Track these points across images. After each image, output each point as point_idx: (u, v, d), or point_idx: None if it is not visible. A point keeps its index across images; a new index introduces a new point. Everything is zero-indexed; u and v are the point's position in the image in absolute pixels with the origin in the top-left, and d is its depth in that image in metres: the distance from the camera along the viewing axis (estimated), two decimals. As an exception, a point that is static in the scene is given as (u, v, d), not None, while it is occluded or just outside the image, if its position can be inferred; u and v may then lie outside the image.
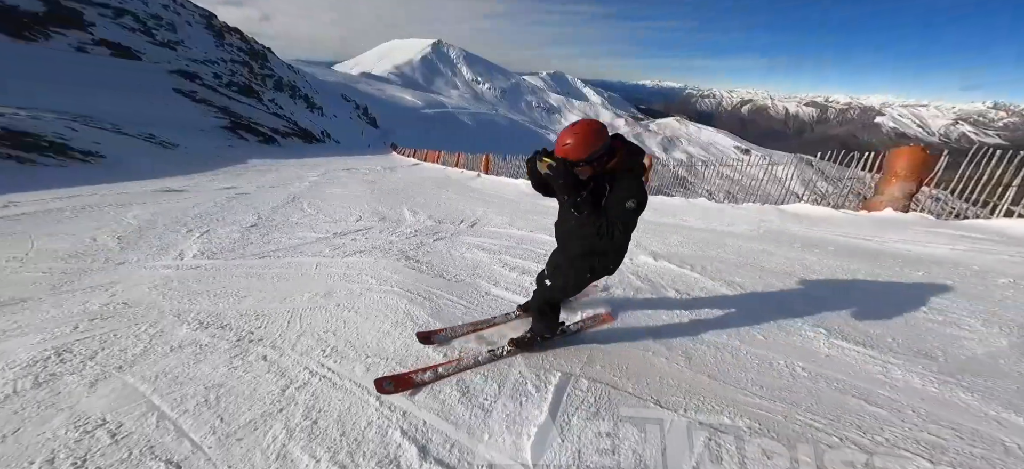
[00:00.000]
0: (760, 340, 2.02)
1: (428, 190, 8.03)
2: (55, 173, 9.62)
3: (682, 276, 2.90)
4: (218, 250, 3.45)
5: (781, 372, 1.77)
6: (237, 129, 29.03)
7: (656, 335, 2.04)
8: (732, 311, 2.31)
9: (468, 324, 2.16)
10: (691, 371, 1.76)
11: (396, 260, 3.18)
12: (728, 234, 4.22)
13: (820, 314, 2.28)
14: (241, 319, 2.16)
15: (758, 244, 3.80)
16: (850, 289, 2.75)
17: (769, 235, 4.18)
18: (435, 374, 1.65)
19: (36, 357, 1.75)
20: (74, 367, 1.70)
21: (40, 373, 1.65)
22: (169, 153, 16.58)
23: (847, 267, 3.15)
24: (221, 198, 6.50)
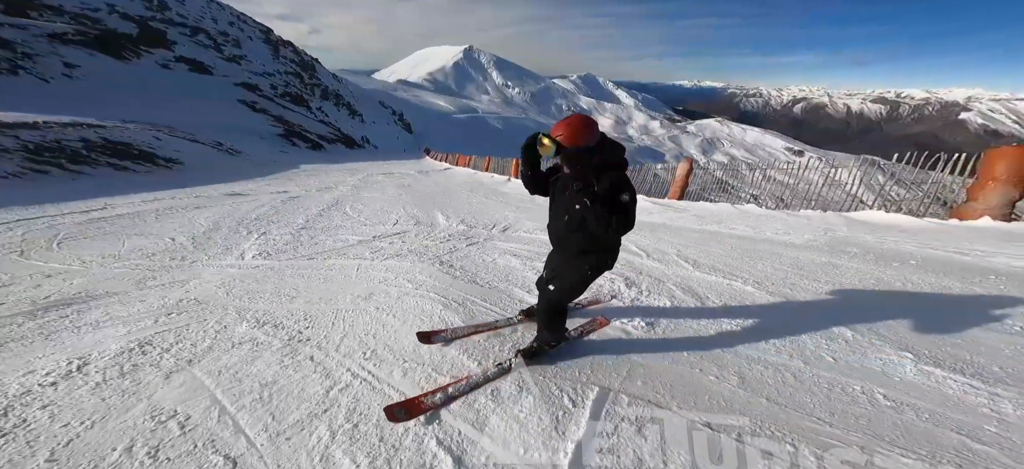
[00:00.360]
0: (829, 361, 1.80)
1: (460, 194, 8.16)
2: (144, 179, 10.88)
3: (730, 288, 2.68)
4: (273, 251, 3.69)
5: (857, 398, 1.56)
6: (290, 136, 31.31)
7: (702, 350, 1.89)
8: (791, 328, 2.08)
9: (470, 326, 2.17)
10: (746, 392, 1.60)
11: (431, 264, 3.23)
12: (784, 244, 3.86)
13: (904, 335, 2.00)
14: (291, 319, 2.27)
15: (822, 256, 3.43)
16: (941, 309, 2.40)
17: (835, 246, 3.75)
18: (446, 396, 1.57)
19: (123, 348, 1.94)
20: (153, 359, 1.87)
21: (125, 364, 1.82)
22: (234, 160, 18.20)
23: (936, 283, 2.75)
24: (276, 201, 7.00)
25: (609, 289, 2.64)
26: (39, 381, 1.68)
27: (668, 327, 2.15)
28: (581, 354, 1.85)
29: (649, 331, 2.11)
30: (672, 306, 2.42)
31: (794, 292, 2.61)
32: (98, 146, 11.94)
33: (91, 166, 10.61)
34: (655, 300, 2.49)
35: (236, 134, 25.61)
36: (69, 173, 9.65)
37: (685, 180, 7.19)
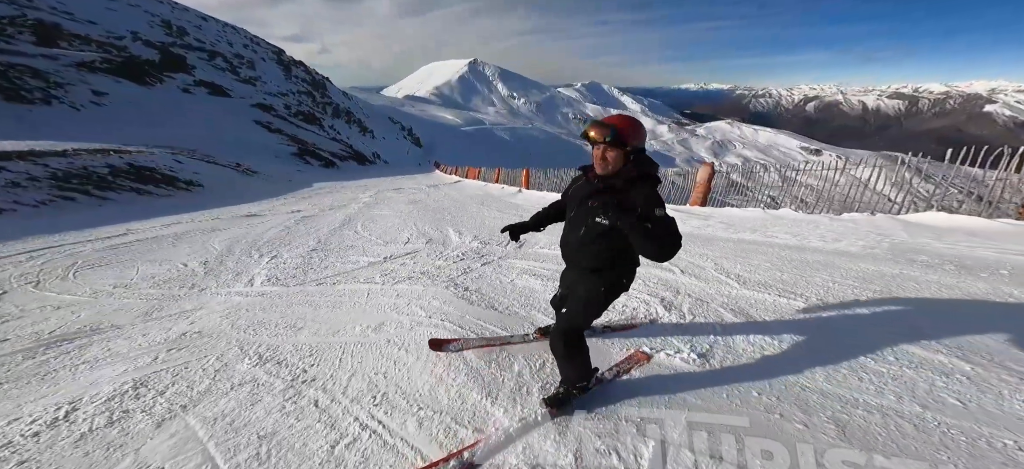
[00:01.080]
0: (955, 405, 1.49)
1: (471, 208, 8.03)
2: (165, 202, 11.19)
3: (789, 308, 2.40)
4: (282, 276, 3.59)
5: (1014, 457, 1.26)
6: (304, 155, 32.12)
7: (775, 388, 1.62)
8: (883, 359, 1.78)
9: (482, 338, 2.00)
10: (850, 447, 1.32)
11: (445, 288, 3.06)
12: (837, 253, 3.53)
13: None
14: (296, 354, 2.13)
15: (888, 266, 3.07)
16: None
17: (900, 254, 3.39)
18: (468, 461, 1.34)
19: (116, 390, 1.82)
20: (146, 404, 1.73)
21: (116, 409, 1.69)
22: (251, 180, 18.65)
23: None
24: (289, 221, 7.00)
25: (645, 312, 2.41)
26: (22, 430, 1.56)
27: (724, 358, 1.89)
28: (622, 397, 1.62)
29: (702, 364, 1.86)
30: (723, 332, 2.16)
31: (869, 312, 2.31)
32: (123, 171, 12.37)
33: (116, 191, 10.97)
34: (702, 325, 2.25)
35: (253, 154, 26.41)
36: (95, 199, 9.98)
37: (707, 185, 6.87)
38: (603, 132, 1.32)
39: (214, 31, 55.41)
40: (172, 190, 12.76)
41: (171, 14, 51.69)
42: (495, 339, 2.17)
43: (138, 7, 47.34)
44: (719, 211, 6.11)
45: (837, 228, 4.43)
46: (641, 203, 1.29)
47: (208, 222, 7.24)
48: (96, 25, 38.32)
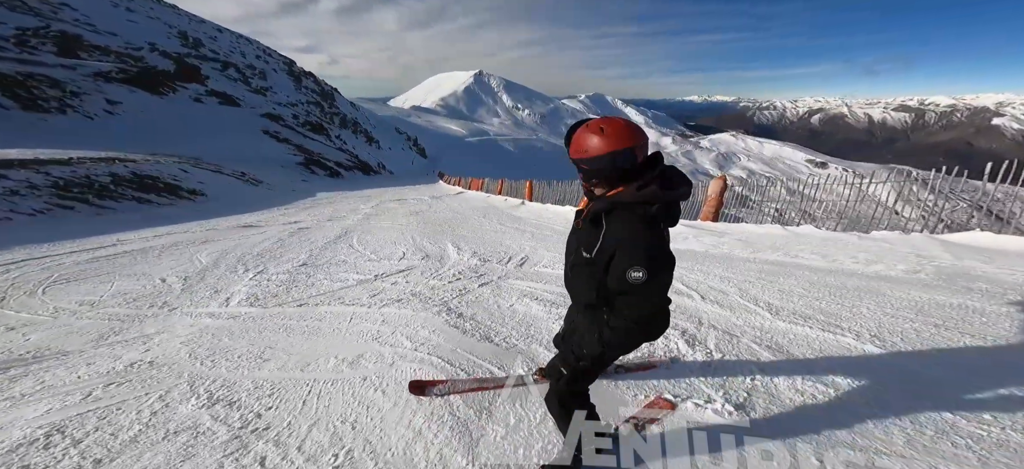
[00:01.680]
0: None
1: (472, 221, 7.78)
2: (166, 211, 11.12)
3: (837, 346, 2.05)
4: (263, 294, 3.33)
5: None
6: (310, 164, 32.40)
7: (840, 457, 1.28)
8: (980, 420, 1.43)
9: (472, 380, 1.73)
10: None
11: (436, 314, 2.76)
12: (877, 278, 3.17)
13: None
14: (253, 393, 1.83)
15: (940, 294, 2.70)
16: None
17: (952, 280, 3.02)
18: None
19: (27, 436, 1.54)
20: (53, 456, 1.44)
21: (14, 464, 1.40)
22: (254, 190, 18.71)
23: None
24: (284, 233, 6.79)
25: (664, 349, 2.08)
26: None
27: (767, 409, 1.56)
28: (644, 458, 1.30)
29: (740, 417, 1.52)
30: (761, 373, 1.82)
31: (937, 351, 1.95)
32: (125, 180, 12.38)
33: (117, 201, 10.94)
34: (733, 365, 1.92)
35: (259, 164, 26.66)
36: (94, 208, 9.92)
37: (719, 199, 6.53)
38: None
39: (228, 42, 57.05)
40: (174, 199, 12.74)
41: (189, 26, 53.42)
42: (488, 381, 1.86)
43: (158, 19, 49.01)
44: (734, 227, 5.77)
45: (870, 248, 4.06)
46: (607, 241, 1.01)
47: (202, 233, 7.07)
48: (117, 36, 39.60)
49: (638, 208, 0.98)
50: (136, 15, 46.42)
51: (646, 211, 0.98)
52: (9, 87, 22.87)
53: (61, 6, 37.99)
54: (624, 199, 1.00)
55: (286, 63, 63.93)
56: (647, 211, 0.98)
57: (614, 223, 1.00)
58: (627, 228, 0.98)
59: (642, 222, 0.98)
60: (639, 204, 0.98)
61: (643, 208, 0.98)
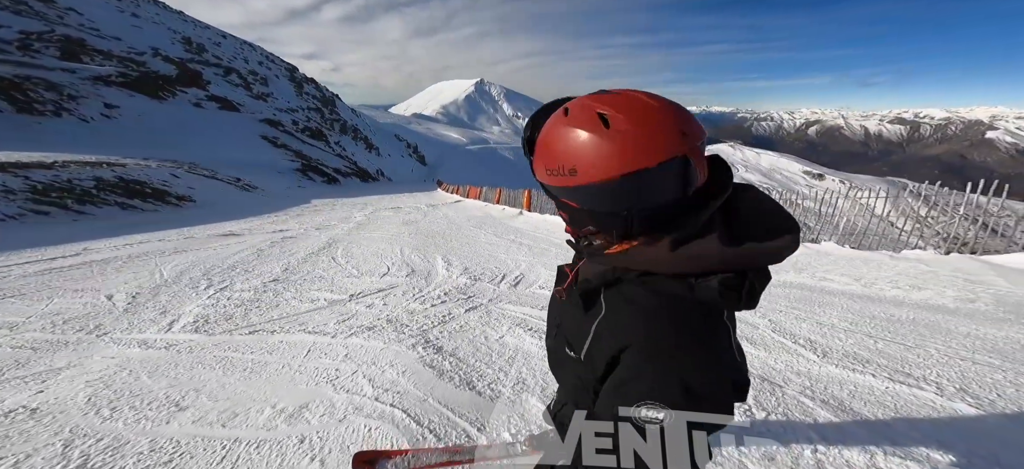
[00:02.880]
0: None
1: (467, 232, 7.39)
2: (148, 218, 10.76)
3: (916, 402, 1.62)
4: (215, 317, 2.91)
5: None
6: (307, 171, 32.23)
7: None
8: None
9: (441, 451, 1.31)
10: None
11: (410, 347, 2.34)
12: (928, 307, 2.76)
13: None
14: (145, 460, 1.40)
15: (1014, 330, 2.31)
16: None
17: (1013, 311, 2.64)
18: None
19: None
20: None
21: None
22: (248, 196, 18.41)
23: None
24: (266, 243, 6.42)
25: None
26: None
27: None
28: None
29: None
30: (824, 442, 1.39)
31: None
32: (110, 185, 12.06)
33: (98, 206, 10.58)
34: (782, 427, 1.49)
35: (255, 169, 26.45)
36: (72, 214, 9.56)
37: None
38: None
39: (232, 48, 57.66)
40: (160, 206, 12.39)
41: (193, 31, 54.07)
42: (462, 451, 1.43)
43: (162, 24, 49.62)
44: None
45: (906, 270, 3.64)
46: (595, 355, 0.52)
47: (178, 242, 6.68)
48: (120, 41, 39.95)
49: (674, 284, 0.48)
50: (141, 21, 46.99)
51: (695, 292, 0.47)
52: (5, 90, 22.80)
53: (67, 11, 38.43)
54: (643, 264, 0.50)
55: (288, 69, 64.52)
56: (698, 292, 0.47)
57: (619, 308, 0.51)
58: (647, 323, 0.47)
59: (682, 314, 0.47)
60: (679, 277, 0.48)
61: (685, 285, 0.48)
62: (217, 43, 55.70)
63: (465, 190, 19.27)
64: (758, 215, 0.49)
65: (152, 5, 53.34)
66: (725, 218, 0.48)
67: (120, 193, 11.88)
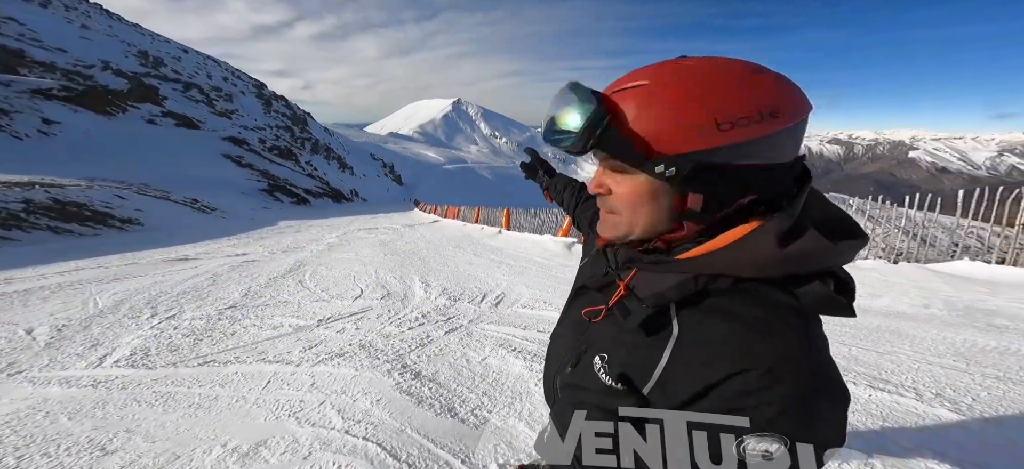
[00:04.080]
0: None
1: (445, 251, 7.25)
2: (86, 243, 9.84)
3: (899, 409, 1.65)
4: (158, 349, 2.62)
5: None
6: (274, 191, 31.00)
7: None
8: None
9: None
10: None
11: (386, 373, 2.19)
12: (893, 314, 2.89)
13: None
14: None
15: (969, 333, 2.45)
16: None
17: (968, 316, 2.80)
18: None
19: None
20: None
21: None
22: (205, 218, 17.38)
23: None
24: (224, 267, 6.00)
25: None
26: None
27: None
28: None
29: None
30: None
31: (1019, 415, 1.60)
32: (42, 208, 11.01)
33: (26, 230, 9.60)
34: None
35: (215, 190, 25.14)
36: (-7, 237, 8.59)
37: None
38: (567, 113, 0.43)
39: (194, 63, 55.80)
40: (101, 229, 11.41)
41: (150, 45, 52.04)
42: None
43: (115, 37, 47.48)
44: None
45: (863, 279, 3.88)
46: (671, 389, 0.42)
47: (119, 268, 6.12)
48: (66, 53, 37.75)
49: (777, 292, 0.41)
50: (91, 32, 44.84)
51: (800, 299, 0.40)
52: (-80, 102, 20.75)
53: (6, 19, 36.09)
54: (741, 265, 0.41)
55: (256, 86, 63.02)
56: (803, 299, 0.40)
57: (712, 328, 0.41)
58: (768, 343, 0.38)
59: (803, 329, 0.40)
60: (777, 282, 0.41)
61: (788, 292, 0.40)
62: (177, 57, 53.79)
63: (443, 210, 19.13)
64: (827, 209, 0.44)
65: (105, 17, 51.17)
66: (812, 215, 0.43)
67: (54, 216, 10.85)
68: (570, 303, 0.61)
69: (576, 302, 0.59)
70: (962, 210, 4.98)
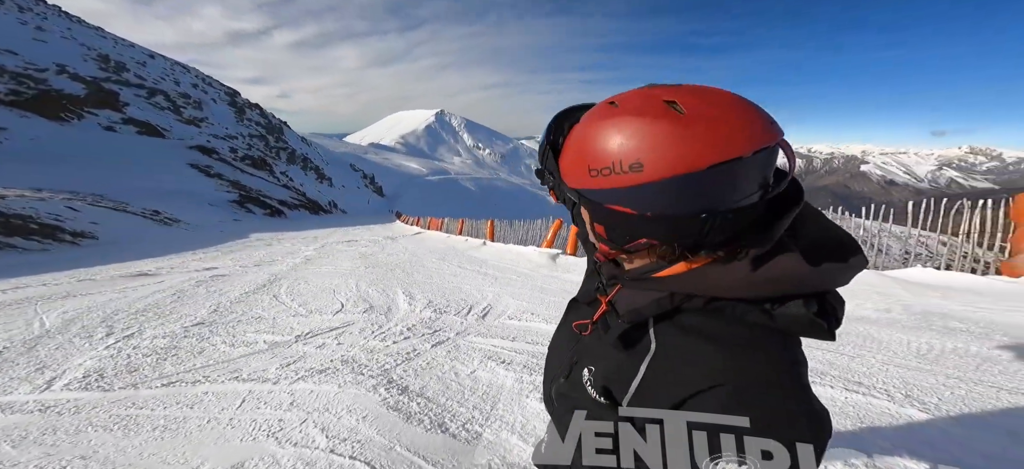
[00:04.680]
0: None
1: (429, 264, 7.15)
2: (31, 259, 9.09)
3: (873, 411, 1.72)
4: (115, 370, 2.43)
5: None
6: (245, 202, 29.79)
7: None
8: None
9: None
10: None
11: (371, 389, 2.11)
12: (858, 319, 3.04)
13: None
14: None
15: (927, 336, 2.60)
16: None
17: (925, 320, 2.98)
18: None
19: None
20: None
21: None
22: (168, 230, 16.47)
23: None
24: (189, 283, 5.66)
25: None
26: None
27: None
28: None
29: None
30: None
31: (992, 418, 1.70)
32: (-22, 218, 10.13)
33: (-43, 243, 8.76)
34: None
35: (180, 201, 23.90)
36: (-82, 252, 7.78)
37: None
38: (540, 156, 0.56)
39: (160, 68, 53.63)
40: (50, 244, 10.59)
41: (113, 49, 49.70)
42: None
43: (73, 40, 45.12)
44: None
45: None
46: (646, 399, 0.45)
47: (70, 285, 5.68)
48: (16, 55, 35.47)
49: (751, 311, 0.42)
50: (47, 35, 42.48)
51: (775, 319, 0.42)
52: None
53: (-53, 19, 33.69)
54: (713, 287, 0.43)
55: (228, 93, 61.06)
56: (778, 320, 0.42)
57: (683, 345, 0.44)
58: (737, 359, 0.41)
59: (776, 348, 0.42)
60: (752, 302, 0.42)
61: (762, 311, 0.42)
62: (142, 62, 51.57)
63: (426, 221, 18.92)
64: (824, 229, 0.44)
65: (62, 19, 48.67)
66: (791, 233, 0.42)
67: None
68: (565, 316, 0.64)
69: (569, 315, 0.63)
70: (913, 220, 5.40)
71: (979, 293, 3.75)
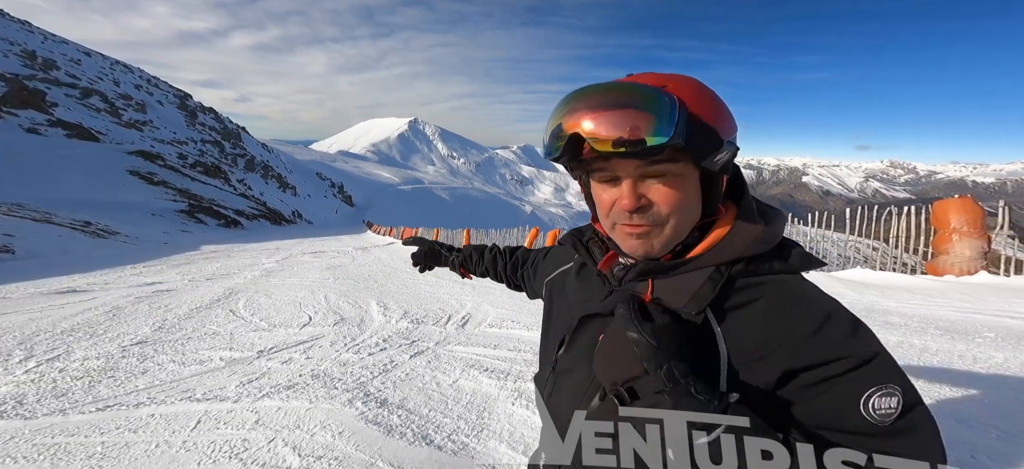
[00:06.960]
0: None
1: (403, 275, 6.95)
2: (-73, 271, 7.94)
3: None
4: (37, 395, 2.14)
5: None
6: (196, 212, 27.82)
7: None
8: None
9: None
10: None
11: (346, 403, 1.98)
12: None
13: None
14: None
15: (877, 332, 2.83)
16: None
17: (865, 315, 3.24)
18: None
19: None
20: None
21: None
22: (101, 243, 15.03)
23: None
24: (127, 300, 5.17)
25: None
26: None
27: None
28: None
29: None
30: None
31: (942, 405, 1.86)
32: None
33: None
34: None
35: (117, 211, 21.95)
36: None
37: None
38: (620, 116, 0.41)
39: (97, 67, 49.63)
40: (-48, 257, 9.33)
41: (41, 45, 45.53)
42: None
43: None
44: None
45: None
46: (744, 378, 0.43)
47: (-23, 302, 5.02)
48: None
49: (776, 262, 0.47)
50: (-43, 25, 38.31)
51: (796, 261, 0.48)
52: None
53: None
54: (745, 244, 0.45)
55: (178, 96, 57.36)
56: (797, 260, 0.48)
57: (762, 308, 0.44)
58: (820, 305, 0.45)
59: (810, 281, 0.48)
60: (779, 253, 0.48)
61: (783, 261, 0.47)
62: (76, 60, 47.55)
63: (399, 231, 18.48)
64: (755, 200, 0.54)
65: (-20, 9, 44.31)
66: None
67: None
68: (574, 336, 0.54)
69: (584, 332, 0.52)
70: (850, 227, 6.21)
71: (911, 291, 4.16)
